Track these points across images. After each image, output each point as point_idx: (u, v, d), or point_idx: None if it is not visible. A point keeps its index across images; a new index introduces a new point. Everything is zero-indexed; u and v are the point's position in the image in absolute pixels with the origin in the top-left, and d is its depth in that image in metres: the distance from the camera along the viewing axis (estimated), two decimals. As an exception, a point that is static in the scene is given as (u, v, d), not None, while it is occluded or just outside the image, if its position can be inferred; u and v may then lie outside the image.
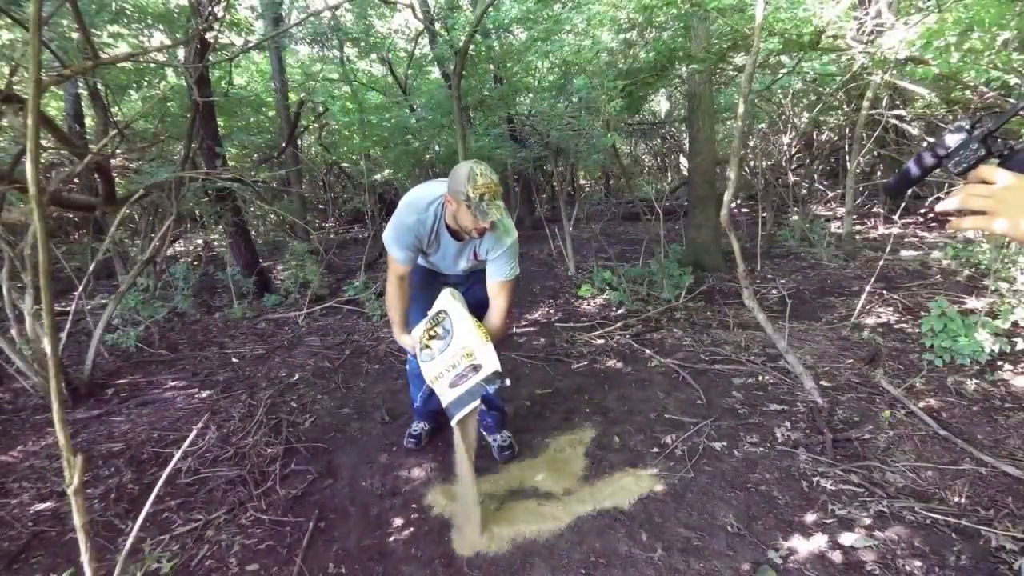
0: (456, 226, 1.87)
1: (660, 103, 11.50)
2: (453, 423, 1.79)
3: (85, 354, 3.13)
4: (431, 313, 1.96)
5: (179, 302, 4.63)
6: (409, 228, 1.90)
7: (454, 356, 1.82)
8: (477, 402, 1.77)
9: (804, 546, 1.72)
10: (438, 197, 1.91)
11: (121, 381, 3.29)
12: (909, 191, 1.01)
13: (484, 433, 2.41)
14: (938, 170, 0.83)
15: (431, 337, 1.89)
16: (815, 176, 7.94)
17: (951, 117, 4.80)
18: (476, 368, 1.78)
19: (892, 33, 2.91)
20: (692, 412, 2.61)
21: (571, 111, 5.86)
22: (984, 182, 0.74)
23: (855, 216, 6.71)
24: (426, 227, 1.92)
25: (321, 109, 7.30)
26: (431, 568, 1.73)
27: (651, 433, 2.45)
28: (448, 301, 1.93)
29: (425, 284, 2.21)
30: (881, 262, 4.17)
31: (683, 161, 11.03)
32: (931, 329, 2.95)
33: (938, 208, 0.78)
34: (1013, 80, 3.21)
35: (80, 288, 3.24)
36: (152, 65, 5.22)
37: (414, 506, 2.05)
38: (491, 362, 1.78)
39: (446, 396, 1.80)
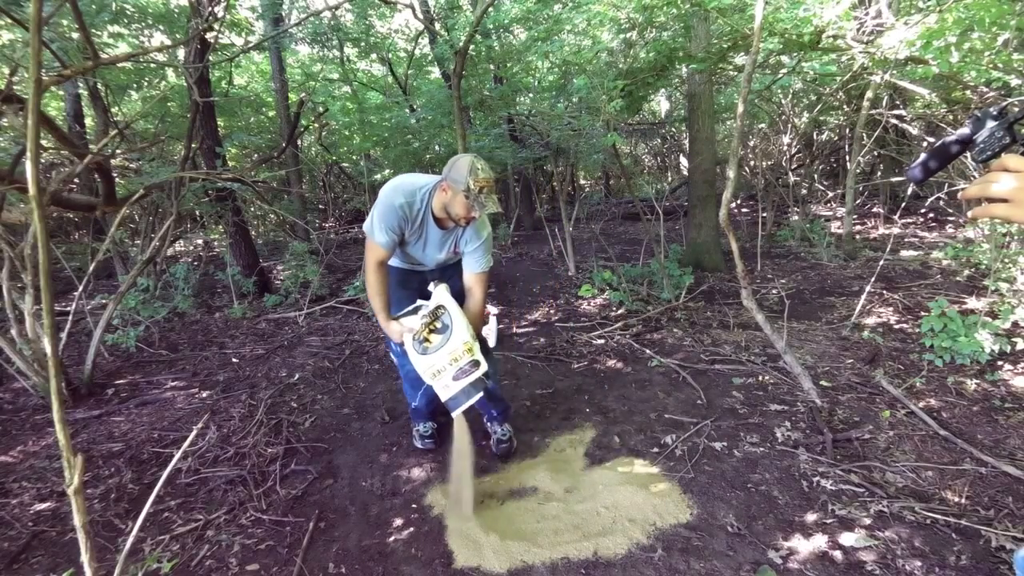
0: (444, 214, 1.96)
1: (660, 103, 11.51)
2: (455, 414, 1.91)
3: (85, 354, 3.13)
4: (429, 307, 1.99)
5: (179, 302, 4.63)
6: (395, 209, 1.93)
7: (455, 351, 1.88)
8: (480, 394, 1.88)
9: (804, 546, 1.72)
10: (426, 184, 1.98)
11: (121, 381, 3.29)
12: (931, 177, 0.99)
13: (488, 424, 2.41)
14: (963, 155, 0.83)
15: (431, 331, 1.94)
16: (815, 176, 7.95)
17: (951, 117, 4.80)
18: (476, 364, 1.89)
19: (892, 33, 2.91)
20: (692, 412, 2.61)
21: (571, 111, 5.87)
22: (1006, 170, 0.74)
23: (855, 216, 6.72)
24: (413, 211, 1.96)
25: (321, 109, 7.30)
26: (431, 568, 1.73)
27: (651, 433, 2.45)
28: (445, 296, 1.99)
29: (404, 282, 2.24)
30: (881, 262, 4.18)
31: (683, 161, 11.03)
32: (931, 329, 2.95)
33: (960, 196, 0.78)
34: (1013, 80, 3.20)
35: (80, 288, 3.25)
36: (152, 65, 5.23)
37: (414, 506, 2.05)
38: (483, 360, 1.91)
39: (448, 389, 1.88)
